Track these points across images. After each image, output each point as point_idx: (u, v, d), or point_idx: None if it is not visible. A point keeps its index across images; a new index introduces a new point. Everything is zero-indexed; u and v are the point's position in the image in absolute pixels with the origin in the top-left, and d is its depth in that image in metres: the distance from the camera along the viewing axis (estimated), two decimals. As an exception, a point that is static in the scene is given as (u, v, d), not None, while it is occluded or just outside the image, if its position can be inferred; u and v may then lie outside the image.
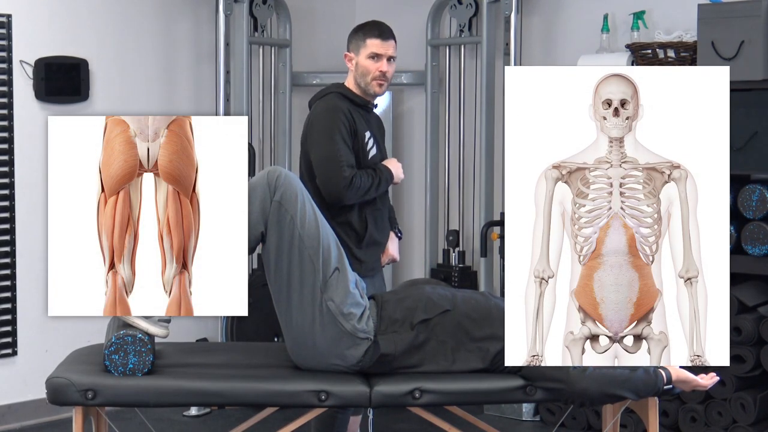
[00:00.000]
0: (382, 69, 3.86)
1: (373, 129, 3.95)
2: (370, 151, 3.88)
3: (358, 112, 3.89)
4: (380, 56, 3.86)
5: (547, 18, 5.51)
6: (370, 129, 3.92)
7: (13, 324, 5.02)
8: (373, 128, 3.95)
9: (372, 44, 3.87)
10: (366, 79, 3.88)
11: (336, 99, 3.88)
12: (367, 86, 3.88)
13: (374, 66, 3.86)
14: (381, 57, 3.86)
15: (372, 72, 3.86)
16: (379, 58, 3.86)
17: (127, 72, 5.38)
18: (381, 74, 3.86)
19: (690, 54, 4.65)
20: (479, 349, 3.26)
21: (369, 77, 3.87)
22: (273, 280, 3.28)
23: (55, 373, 3.16)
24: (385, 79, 3.88)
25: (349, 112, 3.85)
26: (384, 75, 3.87)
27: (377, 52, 3.86)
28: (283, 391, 3.17)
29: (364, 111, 3.93)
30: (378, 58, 3.86)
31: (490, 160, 5.49)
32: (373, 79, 3.87)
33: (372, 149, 3.89)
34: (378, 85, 3.88)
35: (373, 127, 3.95)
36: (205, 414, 5.21)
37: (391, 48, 3.90)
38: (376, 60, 3.86)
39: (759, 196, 4.41)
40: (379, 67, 3.86)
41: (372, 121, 3.98)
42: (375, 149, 3.91)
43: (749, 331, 4.44)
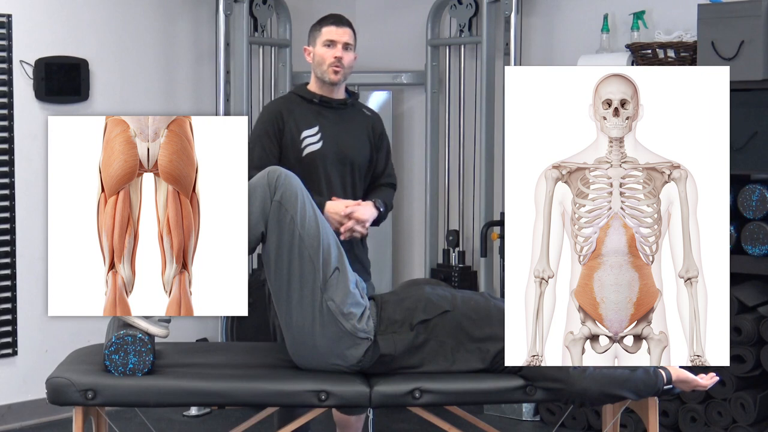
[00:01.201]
0: (337, 55, 3.81)
1: (331, 125, 3.85)
2: (306, 147, 3.80)
3: (309, 110, 3.84)
4: (335, 42, 3.82)
5: (547, 18, 5.51)
6: (323, 125, 3.83)
7: (13, 324, 5.02)
8: (329, 124, 3.85)
9: (326, 32, 3.84)
10: (322, 68, 3.83)
11: (279, 100, 3.95)
12: (324, 75, 3.83)
13: (329, 53, 3.81)
14: (335, 43, 3.82)
15: (327, 59, 3.82)
16: (334, 44, 3.82)
17: (127, 72, 5.38)
18: (336, 60, 3.81)
19: (690, 54, 4.65)
20: (479, 350, 3.26)
21: (325, 65, 3.82)
22: (273, 280, 3.28)
23: (55, 373, 3.16)
24: (341, 66, 3.82)
25: (288, 110, 3.81)
26: (339, 61, 3.81)
27: (331, 39, 3.82)
28: (283, 391, 3.17)
29: (320, 107, 3.86)
30: (333, 45, 3.82)
31: (490, 160, 5.49)
32: (329, 66, 3.81)
33: (312, 145, 3.80)
34: (333, 72, 3.81)
35: (330, 123, 3.85)
36: (205, 414, 5.21)
37: (347, 35, 3.85)
38: (330, 47, 3.82)
39: (759, 196, 4.41)
40: (334, 53, 3.81)
41: (331, 117, 3.87)
42: (319, 145, 3.81)
43: (749, 331, 4.44)
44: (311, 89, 3.90)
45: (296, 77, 5.93)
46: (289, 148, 3.81)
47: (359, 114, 3.97)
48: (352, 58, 3.87)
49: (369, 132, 3.95)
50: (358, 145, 3.90)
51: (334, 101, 3.89)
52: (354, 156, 3.88)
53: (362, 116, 3.97)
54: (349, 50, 3.85)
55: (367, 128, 3.95)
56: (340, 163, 3.85)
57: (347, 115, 3.92)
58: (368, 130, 3.95)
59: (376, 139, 3.97)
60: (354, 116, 3.94)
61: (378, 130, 3.99)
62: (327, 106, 3.88)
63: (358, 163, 3.89)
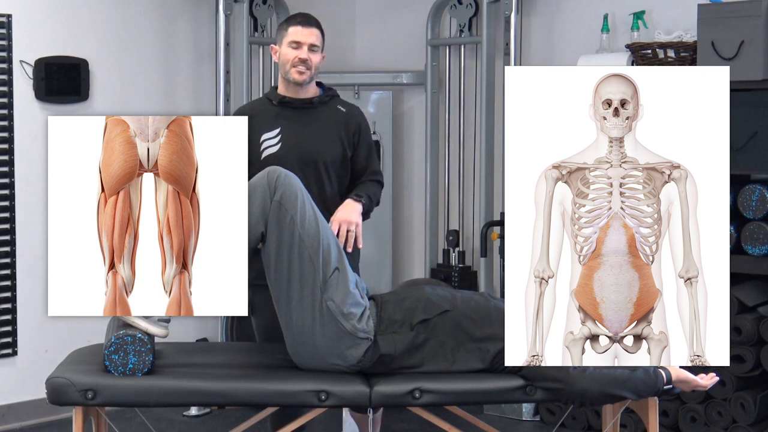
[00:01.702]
0: (301, 56, 3.76)
1: (292, 126, 3.80)
2: (264, 150, 3.76)
3: (271, 112, 3.81)
4: (300, 44, 3.77)
5: (547, 18, 5.51)
6: (284, 127, 3.79)
7: (13, 324, 5.02)
8: (290, 125, 3.79)
9: (293, 32, 3.79)
10: (286, 68, 3.79)
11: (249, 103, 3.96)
12: (287, 74, 3.79)
13: (293, 53, 3.77)
14: (301, 45, 3.77)
15: (291, 59, 3.77)
16: (300, 45, 3.77)
17: (127, 72, 5.38)
18: (300, 61, 3.76)
19: (690, 54, 4.65)
20: (479, 350, 3.26)
21: (288, 65, 3.78)
22: (273, 280, 3.28)
23: (55, 373, 3.16)
24: (306, 66, 3.77)
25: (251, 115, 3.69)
26: (304, 62, 3.77)
27: (297, 40, 3.77)
28: (283, 391, 3.17)
29: (282, 108, 3.82)
30: (298, 46, 3.77)
31: (490, 160, 5.49)
32: (292, 66, 3.77)
33: (270, 148, 3.77)
34: (297, 73, 3.77)
35: (291, 124, 3.80)
36: (205, 414, 5.21)
37: (313, 36, 3.79)
38: (295, 47, 3.77)
39: (759, 196, 4.41)
40: (298, 54, 3.76)
41: (294, 118, 3.81)
42: (277, 147, 3.77)
43: (749, 331, 4.44)
44: (279, 91, 3.87)
45: (296, 77, 5.93)
46: (251, 153, 3.65)
47: (331, 112, 3.87)
48: (319, 59, 3.82)
49: (340, 130, 3.85)
50: (325, 143, 3.81)
51: (297, 101, 3.84)
52: (318, 156, 3.79)
53: (334, 114, 3.87)
54: (315, 52, 3.80)
55: (337, 126, 3.85)
56: (302, 165, 3.75)
57: (314, 115, 3.85)
58: (339, 127, 3.85)
59: (350, 136, 3.86)
60: (322, 115, 3.85)
61: (353, 127, 3.87)
62: (289, 107, 3.83)
63: (324, 162, 3.79)
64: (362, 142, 3.91)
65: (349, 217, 3.67)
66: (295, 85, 3.82)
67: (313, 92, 3.89)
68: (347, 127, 3.87)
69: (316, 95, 3.88)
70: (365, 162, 3.91)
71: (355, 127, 3.88)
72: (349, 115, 3.90)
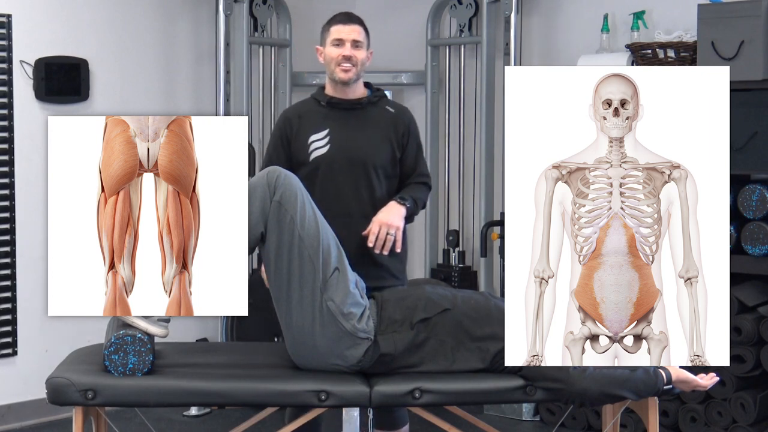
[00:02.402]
0: (345, 54, 3.72)
1: (341, 127, 3.75)
2: (312, 152, 3.72)
3: (320, 113, 3.77)
4: (343, 41, 3.73)
5: (547, 18, 5.51)
6: (332, 128, 3.74)
7: (13, 324, 5.02)
8: (339, 126, 3.75)
9: (335, 30, 3.75)
10: (331, 67, 3.75)
11: (295, 104, 3.91)
12: (333, 74, 3.75)
13: (337, 51, 3.73)
14: (344, 42, 3.73)
15: (335, 58, 3.73)
16: (342, 43, 3.73)
17: (127, 72, 5.38)
18: (344, 58, 3.72)
19: (690, 54, 4.65)
20: (479, 349, 3.26)
21: (333, 64, 3.74)
22: (273, 280, 3.28)
23: (55, 373, 3.16)
24: (350, 64, 3.73)
25: (299, 116, 3.75)
26: (348, 59, 3.72)
27: (339, 37, 3.73)
28: (283, 391, 3.17)
29: (330, 109, 3.77)
30: (341, 44, 3.73)
31: (490, 160, 5.49)
32: (336, 65, 3.73)
33: (318, 150, 3.72)
34: (342, 71, 3.72)
35: (340, 125, 3.75)
36: (205, 414, 5.21)
37: (355, 32, 3.75)
38: (339, 45, 3.73)
39: (759, 196, 4.41)
40: (341, 52, 3.72)
41: (343, 119, 3.77)
42: (325, 149, 3.71)
43: (749, 331, 4.44)
44: (326, 91, 3.82)
45: (296, 77, 5.93)
46: (298, 154, 3.74)
47: (380, 112, 3.81)
48: (364, 55, 3.77)
49: (389, 131, 3.79)
50: (374, 145, 3.77)
51: (345, 102, 3.79)
52: (367, 158, 3.74)
53: (383, 115, 3.82)
54: (359, 48, 3.75)
55: (387, 127, 3.79)
56: (351, 166, 3.72)
57: (363, 115, 3.80)
58: (389, 128, 3.79)
59: (399, 137, 3.81)
60: (373, 116, 3.80)
61: (402, 129, 3.82)
62: (338, 108, 3.79)
63: (374, 164, 3.74)
64: (411, 143, 3.86)
65: (390, 220, 3.63)
66: (342, 84, 3.76)
67: (361, 92, 3.83)
68: (396, 128, 3.81)
69: (365, 96, 3.82)
70: (413, 163, 3.85)
71: (404, 128, 3.83)
72: (398, 115, 3.84)
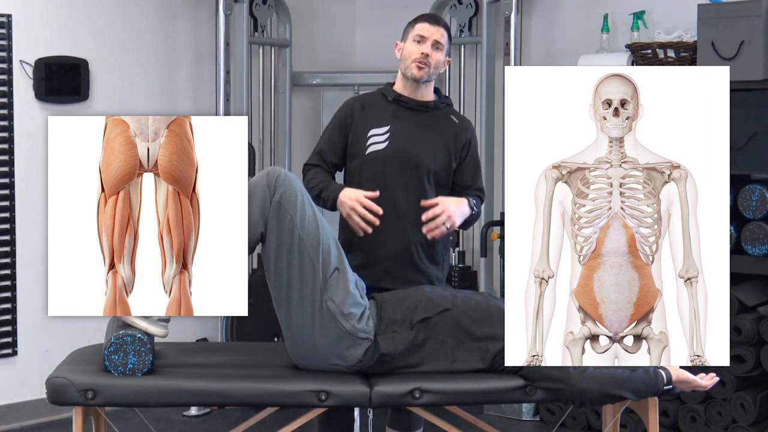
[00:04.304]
0: (424, 51, 3.67)
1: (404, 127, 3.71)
2: (370, 146, 3.70)
3: (385, 108, 3.74)
4: (425, 39, 3.68)
5: (547, 18, 5.51)
6: (394, 126, 3.71)
7: (13, 324, 5.02)
8: (402, 125, 3.71)
9: (419, 27, 3.71)
10: (407, 63, 3.70)
11: (361, 95, 3.89)
12: (407, 70, 3.70)
13: (417, 48, 3.69)
14: (425, 39, 3.68)
15: (414, 54, 3.69)
16: (424, 40, 3.68)
17: (127, 72, 5.38)
18: (422, 56, 3.67)
19: (690, 54, 4.65)
20: (479, 349, 3.26)
21: (410, 59, 3.69)
22: (273, 280, 3.28)
23: (55, 373, 3.16)
24: (426, 63, 3.68)
25: (362, 106, 3.74)
26: (426, 58, 3.67)
27: (422, 35, 3.69)
28: (283, 391, 3.17)
29: (397, 106, 3.74)
30: (422, 41, 3.69)
31: (490, 160, 5.49)
32: (412, 61, 3.68)
33: (377, 144, 3.70)
34: (417, 68, 3.68)
35: (403, 125, 3.72)
36: (205, 414, 5.21)
37: (439, 34, 3.70)
38: (420, 43, 3.69)
39: (759, 196, 4.41)
40: (421, 49, 3.67)
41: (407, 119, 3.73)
42: (384, 145, 3.69)
43: (749, 331, 4.44)
44: (395, 88, 3.78)
45: (296, 77, 5.93)
46: (355, 145, 3.72)
47: (444, 120, 3.79)
48: (441, 58, 3.72)
49: (450, 140, 3.76)
50: (432, 151, 3.72)
51: (413, 102, 3.76)
52: (422, 162, 3.70)
53: (447, 123, 3.78)
54: (438, 50, 3.70)
55: (449, 136, 3.76)
56: (406, 167, 3.69)
57: (428, 120, 3.76)
58: (449, 137, 3.76)
59: (458, 148, 3.77)
60: (437, 122, 3.77)
61: (463, 140, 3.78)
62: (405, 107, 3.75)
63: (428, 169, 3.71)
64: (470, 156, 3.82)
65: (454, 213, 3.62)
66: (413, 82, 3.73)
67: (430, 96, 3.80)
68: (457, 139, 3.78)
69: (432, 100, 3.79)
70: (471, 178, 3.82)
71: (465, 140, 3.80)
72: (461, 127, 3.82)
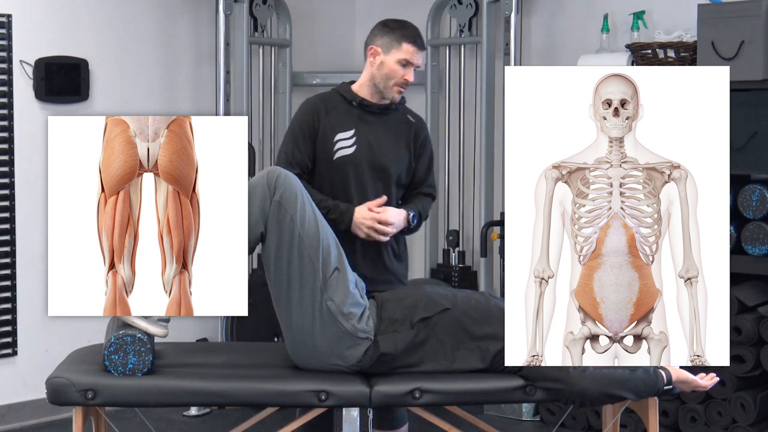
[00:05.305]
0: (408, 78, 3.69)
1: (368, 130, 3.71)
2: (337, 151, 3.68)
3: (348, 112, 3.72)
4: (410, 64, 3.69)
5: (547, 18, 5.51)
6: (359, 130, 3.70)
7: (13, 324, 5.02)
8: (367, 129, 3.71)
9: (407, 50, 3.69)
10: (388, 83, 3.69)
11: (319, 96, 3.79)
12: (387, 90, 3.70)
13: (401, 72, 3.68)
14: (411, 65, 3.70)
15: (397, 78, 3.68)
16: (410, 65, 3.69)
17: (127, 72, 5.38)
18: (404, 81, 3.69)
19: (690, 54, 4.65)
20: (479, 349, 3.26)
21: (392, 82, 3.69)
22: (273, 280, 3.28)
23: (55, 373, 3.16)
24: (405, 87, 3.71)
25: (325, 110, 3.70)
26: (406, 83, 3.70)
27: (409, 60, 3.69)
28: (283, 391, 3.17)
29: (360, 110, 3.73)
30: (408, 66, 3.69)
31: (490, 160, 5.49)
32: (395, 85, 3.69)
33: (344, 149, 3.68)
34: (398, 92, 3.70)
35: (367, 128, 3.71)
36: (205, 414, 5.21)
37: (421, 58, 3.73)
38: (405, 67, 3.69)
39: (759, 196, 4.41)
40: (405, 75, 3.68)
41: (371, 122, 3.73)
42: (351, 150, 3.67)
43: (749, 331, 4.44)
44: (359, 92, 3.75)
45: (296, 77, 5.93)
46: (322, 150, 3.69)
47: (402, 120, 3.80)
48: None
49: (411, 140, 3.78)
50: (396, 153, 3.75)
51: (375, 106, 3.75)
52: (389, 164, 3.72)
53: (405, 123, 3.80)
54: (415, 71, 3.74)
55: (408, 136, 3.78)
56: (374, 171, 3.70)
57: (388, 121, 3.77)
58: (411, 138, 3.78)
59: (417, 147, 3.80)
60: (396, 122, 3.78)
61: (420, 138, 3.81)
62: (367, 111, 3.74)
63: (393, 171, 3.73)
64: (426, 153, 3.84)
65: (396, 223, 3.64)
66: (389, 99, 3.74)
67: None
68: (416, 138, 3.80)
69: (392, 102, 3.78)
70: (425, 174, 3.84)
71: (422, 139, 3.83)
72: (418, 125, 3.83)
